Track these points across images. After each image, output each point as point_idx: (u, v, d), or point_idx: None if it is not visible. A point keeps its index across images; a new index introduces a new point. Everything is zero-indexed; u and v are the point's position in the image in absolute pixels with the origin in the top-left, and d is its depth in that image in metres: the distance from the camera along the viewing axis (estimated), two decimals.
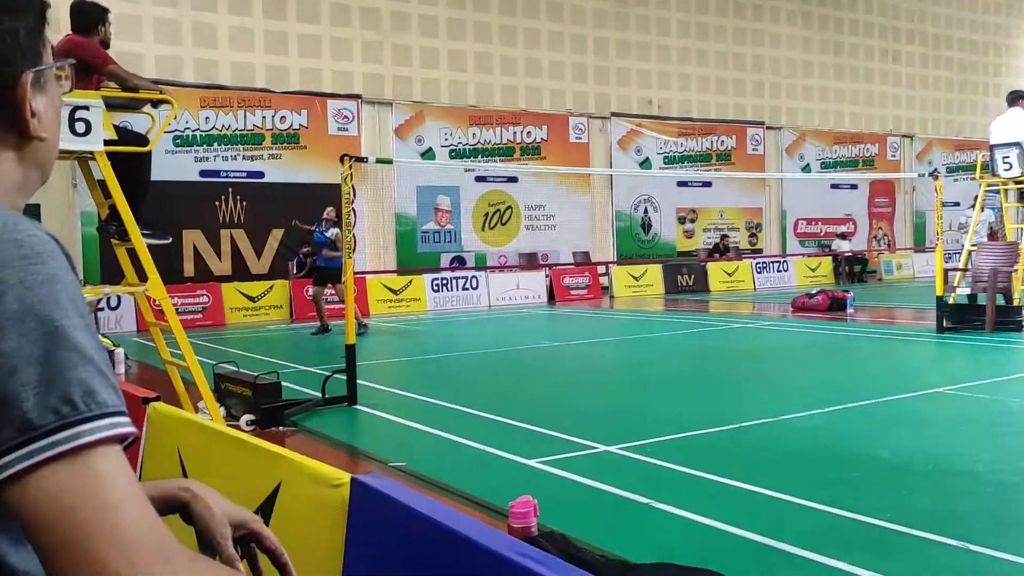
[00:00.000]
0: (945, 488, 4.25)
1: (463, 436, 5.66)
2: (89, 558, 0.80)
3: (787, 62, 24.39)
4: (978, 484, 4.28)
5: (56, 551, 0.81)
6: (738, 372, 8.54)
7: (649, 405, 6.80)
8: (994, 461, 4.68)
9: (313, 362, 9.38)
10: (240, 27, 17.04)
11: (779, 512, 3.94)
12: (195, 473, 2.65)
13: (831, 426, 5.68)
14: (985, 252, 11.25)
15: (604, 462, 4.95)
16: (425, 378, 8.83)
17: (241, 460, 2.37)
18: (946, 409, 6.24)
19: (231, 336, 13.40)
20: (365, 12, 18.34)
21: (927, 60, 27.42)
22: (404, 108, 18.91)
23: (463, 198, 19.67)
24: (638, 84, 21.99)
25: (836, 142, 25.31)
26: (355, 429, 6.32)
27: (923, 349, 9.88)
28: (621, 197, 21.72)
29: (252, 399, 6.24)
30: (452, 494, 4.36)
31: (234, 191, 17.06)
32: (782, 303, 16.50)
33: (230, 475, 2.39)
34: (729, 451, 5.14)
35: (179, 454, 2.74)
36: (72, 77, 1.18)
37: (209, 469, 2.56)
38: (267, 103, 17.35)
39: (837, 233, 24.26)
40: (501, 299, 18.37)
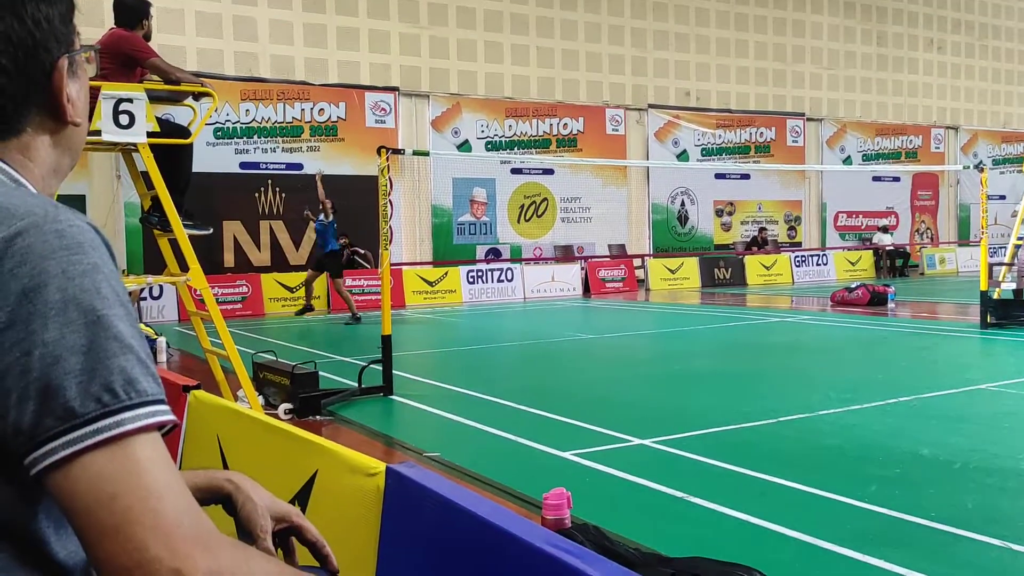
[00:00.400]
0: (988, 486, 4.17)
1: (498, 428, 5.67)
2: (130, 544, 0.81)
3: (828, 52, 24.02)
4: (1022, 482, 4.20)
5: (98, 537, 0.82)
6: (775, 367, 8.46)
7: (684, 399, 6.76)
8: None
9: (350, 352, 9.46)
10: (280, 20, 17.19)
11: (815, 508, 3.90)
12: (234, 459, 2.69)
13: (870, 422, 5.61)
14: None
15: (639, 455, 4.93)
16: (460, 369, 8.87)
17: (279, 448, 2.40)
18: (989, 406, 6.12)
19: (270, 326, 13.56)
20: (403, 4, 18.40)
21: (973, 50, 26.83)
22: (441, 100, 18.95)
23: (499, 190, 19.68)
24: (676, 75, 21.81)
25: (878, 134, 24.89)
26: (391, 419, 6.37)
27: (966, 345, 9.70)
28: (658, 189, 21.58)
29: (290, 388, 6.31)
30: (486, 485, 4.37)
31: (273, 183, 17.24)
32: (821, 297, 16.29)
33: (268, 462, 2.42)
34: (765, 446, 5.09)
35: (219, 441, 2.78)
36: (97, 61, 1.19)
37: (248, 456, 2.59)
38: (306, 96, 17.49)
39: (878, 226, 23.88)
40: (536, 291, 18.36)
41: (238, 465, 2.65)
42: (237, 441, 2.69)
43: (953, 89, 26.56)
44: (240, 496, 1.32)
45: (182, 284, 5.73)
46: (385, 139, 17.50)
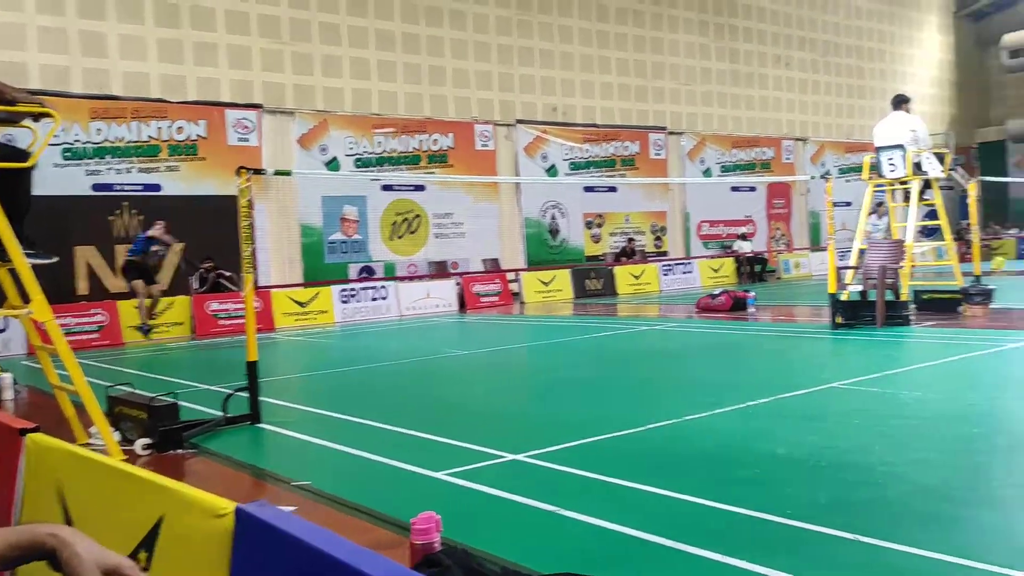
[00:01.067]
0: (840, 481, 4.39)
1: (370, 451, 5.57)
2: None
3: (686, 69, 25.03)
4: (871, 476, 4.44)
5: None
6: (644, 374, 8.68)
7: (557, 411, 6.84)
8: (886, 453, 4.86)
9: (215, 380, 9.11)
10: (131, 35, 16.48)
11: (681, 513, 4.00)
12: (76, 507, 2.52)
13: (732, 425, 5.82)
14: (874, 250, 11.75)
15: (511, 471, 4.95)
16: (332, 393, 8.68)
17: (123, 492, 2.26)
18: (841, 403, 6.47)
19: (130, 356, 12.91)
20: (264, 20, 17.99)
21: (818, 66, 28.55)
22: (307, 117, 18.61)
23: (370, 207, 19.48)
24: (542, 91, 22.20)
25: (734, 146, 26.09)
26: (259, 448, 6.16)
27: (819, 345, 10.24)
28: (529, 203, 21.87)
29: (148, 422, 6.00)
30: (357, 512, 4.28)
31: (130, 205, 16.47)
32: (687, 304, 16.87)
33: (112, 508, 2.28)
34: (634, 454, 5.21)
35: (59, 488, 2.60)
36: None
37: (90, 502, 2.43)
38: (163, 113, 16.81)
39: (738, 234, 25.02)
40: (411, 308, 18.24)
41: (81, 512, 2.48)
42: (79, 486, 2.52)
43: (801, 103, 28.15)
44: (65, 552, 1.24)
45: (24, 317, 5.37)
46: (249, 157, 17.02)
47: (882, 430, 5.47)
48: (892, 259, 11.32)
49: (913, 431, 5.45)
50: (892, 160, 11.87)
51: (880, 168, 12.10)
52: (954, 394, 6.59)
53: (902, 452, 4.89)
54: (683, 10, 24.92)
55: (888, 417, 5.83)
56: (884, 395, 6.59)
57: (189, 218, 16.68)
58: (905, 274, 11.44)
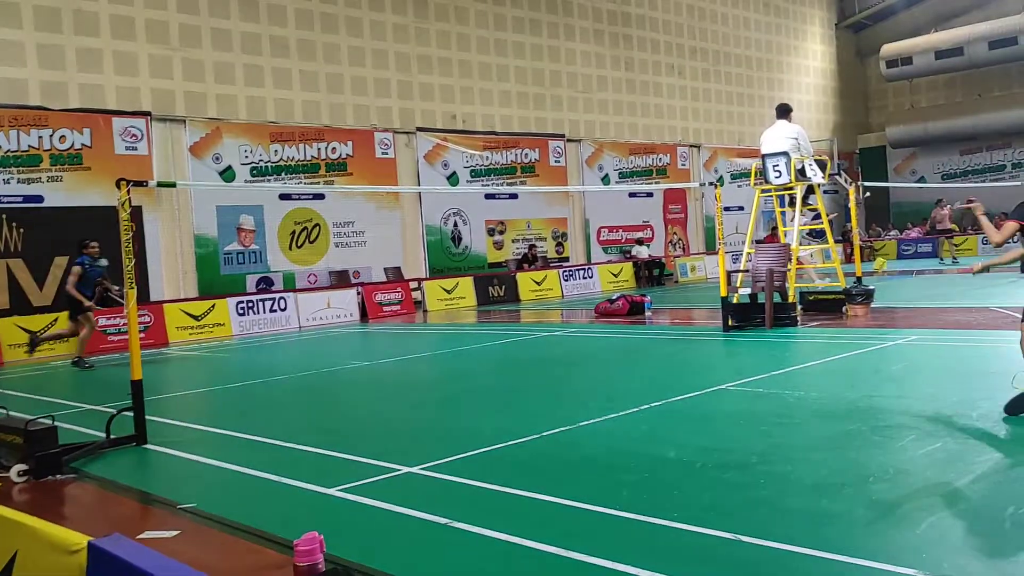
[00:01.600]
0: (723, 482, 4.53)
1: (262, 470, 5.45)
2: None
3: (583, 77, 25.43)
4: (752, 476, 4.60)
5: None
6: (543, 381, 8.77)
7: (455, 421, 6.84)
8: (767, 453, 5.04)
9: (101, 400, 8.76)
10: (8, 40, 15.70)
11: (572, 521, 4.06)
12: None
13: (625, 429, 5.94)
14: (762, 254, 12.19)
15: (405, 485, 4.92)
16: (224, 409, 8.46)
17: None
18: (729, 405, 6.68)
19: (9, 376, 12.29)
20: (151, 24, 17.42)
21: (709, 75, 29.45)
22: (199, 125, 18.10)
23: (268, 217, 19.08)
24: (442, 99, 22.19)
25: (631, 153, 26.64)
26: (145, 471, 5.94)
27: (712, 347, 10.54)
28: (430, 211, 21.82)
29: (24, 446, 5.72)
30: (245, 532, 4.18)
31: (9, 217, 15.68)
32: (587, 309, 17.13)
33: None
34: (528, 462, 5.25)
35: None
36: None
37: None
38: (43, 121, 16.07)
39: (636, 239, 25.55)
40: (311, 319, 17.94)
41: None
42: None
43: (694, 110, 28.98)
44: None
45: None
46: (139, 166, 16.45)
47: (765, 430, 5.68)
48: (779, 262, 11.76)
49: (795, 430, 5.67)
50: (777, 167, 12.33)
51: (767, 174, 12.55)
52: (835, 392, 6.88)
53: (783, 451, 5.08)
54: (579, 19, 25.33)
55: (771, 417, 6.05)
56: (769, 395, 6.84)
57: (74, 230, 15.97)
58: (792, 276, 11.91)
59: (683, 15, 28.54)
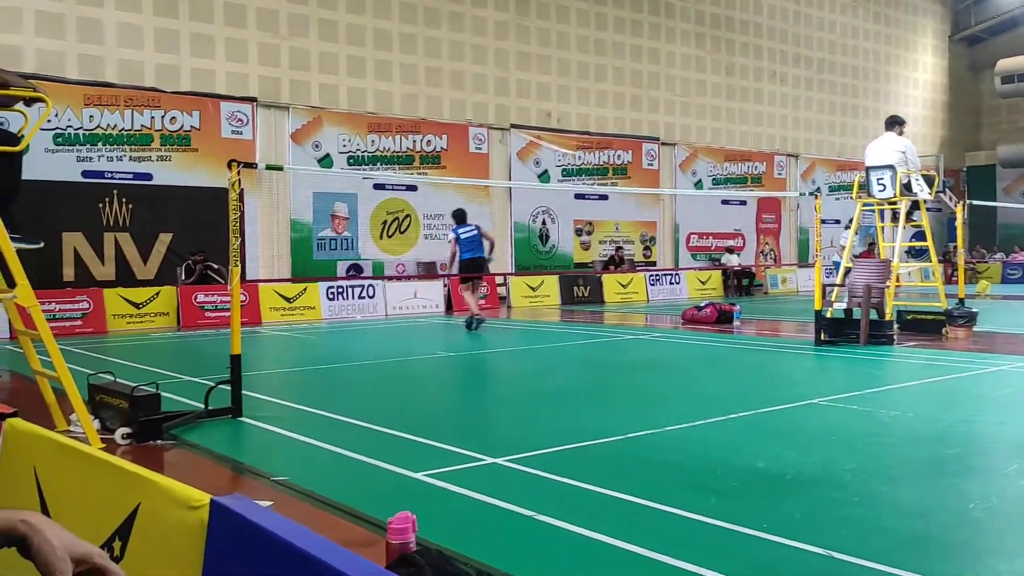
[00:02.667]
0: (815, 497, 4.42)
1: (350, 449, 5.58)
2: None
3: (681, 81, 25.13)
4: (846, 493, 4.48)
5: None
6: (627, 383, 8.71)
7: (539, 416, 6.85)
8: (861, 470, 4.90)
9: (199, 372, 9.08)
10: (128, 23, 16.43)
11: (658, 523, 4.02)
12: (52, 493, 2.52)
13: (712, 437, 5.85)
14: (860, 269, 11.83)
15: (491, 475, 4.96)
16: (315, 389, 8.67)
17: (99, 480, 2.26)
18: (821, 420, 6.51)
19: (113, 344, 12.85)
20: (262, 13, 17.97)
21: (811, 83, 28.73)
22: (301, 112, 18.60)
23: (361, 205, 19.47)
24: (538, 96, 22.25)
25: (727, 159, 26.20)
26: (239, 442, 6.15)
27: (802, 361, 10.29)
28: (520, 208, 21.90)
29: (128, 411, 5.98)
30: (334, 509, 4.28)
31: (119, 193, 16.41)
32: (673, 315, 16.93)
33: (88, 496, 2.28)
34: (613, 462, 5.23)
35: (35, 474, 2.60)
36: None
37: (67, 489, 2.44)
38: (156, 103, 16.77)
39: (726, 247, 25.12)
40: (398, 308, 18.23)
41: (56, 499, 2.49)
42: (56, 473, 2.53)
43: (794, 119, 28.31)
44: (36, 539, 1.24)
45: (8, 302, 5.35)
46: (242, 150, 17.00)
47: (859, 447, 5.52)
48: (878, 278, 11.40)
49: (889, 450, 5.49)
50: (882, 180, 11.96)
51: (870, 187, 12.18)
52: (932, 415, 6.64)
53: (877, 470, 4.93)
54: (680, 22, 25.03)
55: (865, 435, 5.88)
56: (863, 413, 6.64)
57: (179, 208, 16.66)
58: (890, 293, 11.53)
59: (788, 21, 27.91)
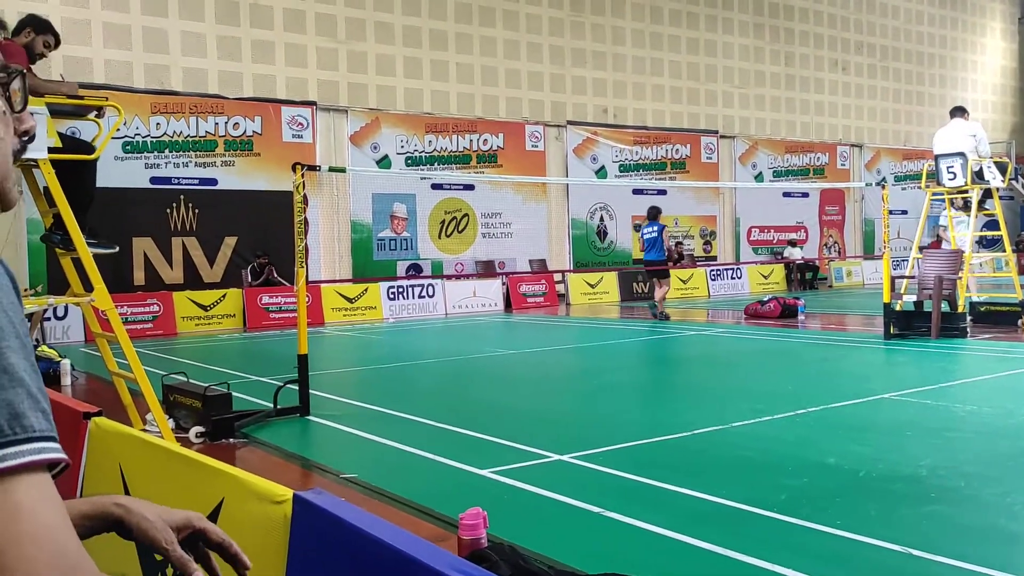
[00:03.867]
0: (890, 493, 4.32)
1: (416, 447, 5.63)
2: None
3: (740, 72, 24.76)
4: (923, 489, 4.37)
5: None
6: (690, 379, 8.63)
7: (603, 413, 6.83)
8: (938, 466, 4.78)
9: (266, 372, 9.27)
10: (192, 32, 16.82)
11: (728, 519, 3.98)
12: (137, 489, 2.60)
13: (780, 433, 5.76)
14: (930, 260, 11.52)
15: (557, 471, 4.96)
16: (379, 388, 8.78)
17: (183, 476, 2.33)
18: (893, 415, 6.36)
19: (182, 346, 13.19)
20: (320, 18, 18.23)
21: (875, 71, 28.04)
22: (359, 115, 18.82)
23: (419, 205, 19.62)
24: (594, 92, 22.14)
25: (787, 151, 25.73)
26: (307, 440, 6.26)
27: (871, 355, 10.06)
28: (577, 205, 21.83)
29: (202, 410, 6.14)
30: (404, 505, 4.33)
31: (186, 198, 16.81)
32: (735, 310, 16.70)
33: (172, 491, 2.35)
34: (680, 459, 5.19)
35: (121, 470, 2.68)
36: (23, 89, 1.12)
37: (151, 485, 2.51)
38: (220, 109, 17.14)
39: (788, 240, 24.68)
40: (458, 307, 18.34)
41: (142, 495, 2.56)
42: (140, 470, 2.60)
43: (857, 108, 27.67)
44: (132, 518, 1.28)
45: (86, 305, 5.53)
46: (302, 154, 17.26)
47: (935, 443, 5.38)
48: (949, 269, 11.09)
49: (967, 445, 5.34)
50: (952, 168, 11.62)
51: (939, 176, 11.85)
52: (1010, 409, 6.43)
53: (955, 465, 4.80)
54: (738, 12, 24.66)
55: (941, 430, 5.72)
56: (937, 408, 6.47)
57: (243, 212, 17.01)
58: (962, 284, 11.20)
59: (849, 8, 27.27)
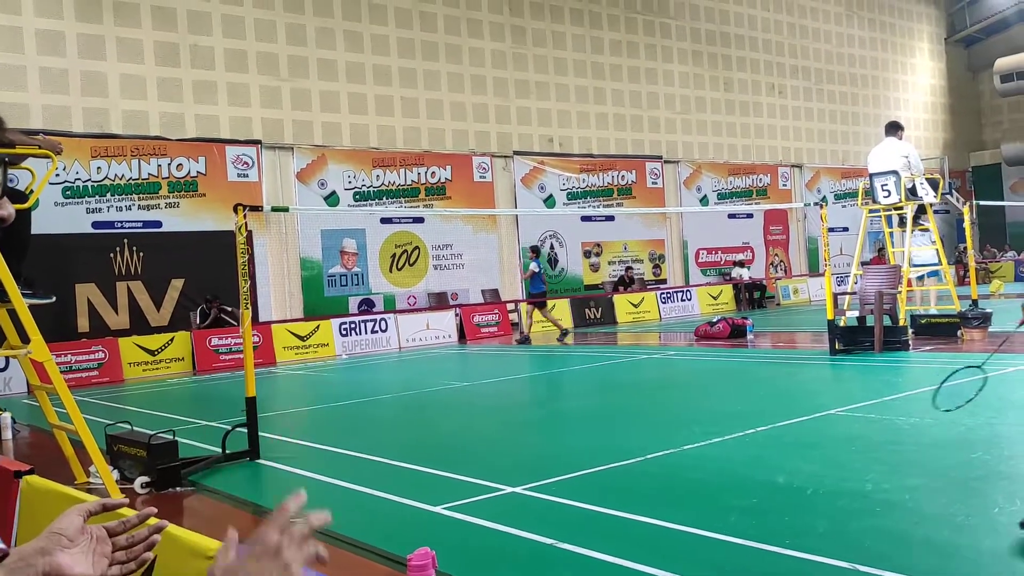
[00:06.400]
0: (838, 509, 4.39)
1: (368, 486, 5.57)
2: None
3: (681, 98, 25.24)
4: (868, 503, 4.44)
5: None
6: (644, 403, 8.68)
7: (556, 442, 6.83)
8: (883, 480, 4.86)
9: (214, 416, 9.11)
10: (131, 75, 16.65)
11: (680, 545, 4.00)
12: None
13: (731, 453, 5.82)
14: (870, 275, 11.79)
15: (510, 504, 4.94)
16: (331, 427, 8.68)
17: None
18: (839, 430, 6.47)
19: (129, 393, 12.91)
20: (262, 57, 18.19)
21: (811, 93, 28.80)
22: (305, 152, 18.75)
23: (369, 240, 19.56)
24: (539, 122, 22.37)
25: (731, 173, 26.23)
26: (258, 485, 6.15)
27: (818, 371, 10.24)
28: (527, 233, 21.95)
29: (147, 460, 6.00)
30: (355, 547, 4.28)
31: (130, 242, 16.55)
32: (686, 332, 16.88)
33: None
34: (633, 485, 5.20)
35: None
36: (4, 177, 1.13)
37: None
38: (162, 151, 16.95)
39: (735, 261, 25.08)
40: (411, 340, 18.26)
41: None
42: None
43: (795, 130, 28.35)
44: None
45: (23, 357, 5.39)
46: (249, 193, 17.13)
47: (879, 457, 5.48)
48: (889, 284, 11.36)
49: (910, 458, 5.45)
50: (886, 186, 11.95)
51: (875, 194, 12.17)
52: (952, 419, 6.58)
53: (900, 479, 4.89)
54: (676, 41, 25.19)
55: (885, 444, 5.83)
56: (882, 421, 6.60)
57: (190, 253, 16.78)
58: (902, 299, 11.48)
59: (783, 34, 28.04)
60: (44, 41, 15.74)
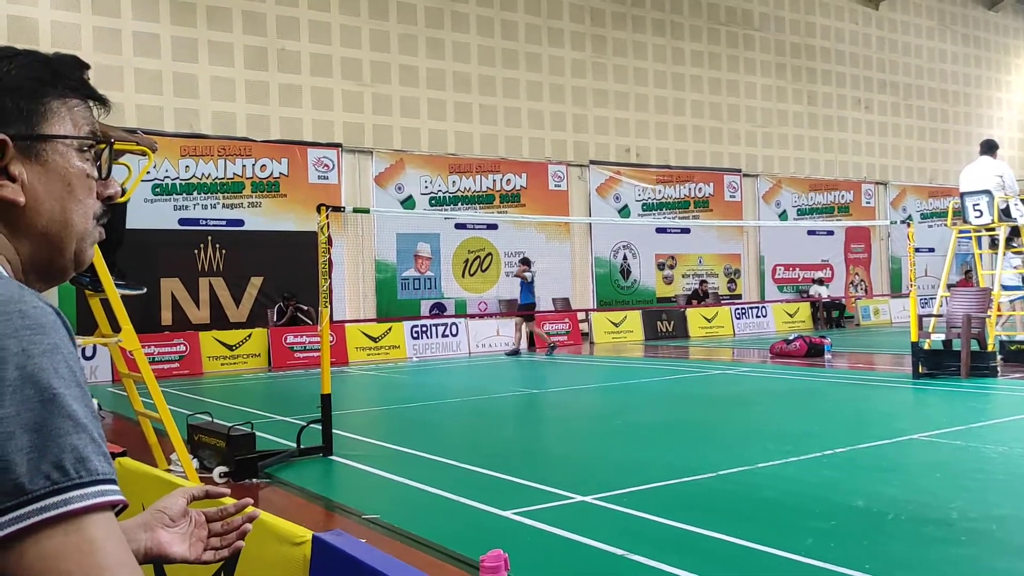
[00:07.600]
0: (919, 536, 4.24)
1: (438, 487, 5.61)
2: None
3: (762, 111, 24.83)
4: (952, 532, 4.28)
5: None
6: (716, 419, 8.54)
7: (627, 453, 6.77)
8: (968, 509, 4.68)
9: (290, 412, 9.30)
10: (221, 77, 17.18)
11: (753, 563, 3.92)
12: None
13: (807, 474, 5.68)
14: (958, 298, 11.39)
15: (579, 513, 4.92)
16: (402, 427, 8.77)
17: None
18: (921, 456, 6.26)
19: (208, 385, 13.27)
20: (346, 62, 18.56)
21: (899, 109, 28.00)
22: (384, 156, 19.05)
23: (443, 245, 19.74)
24: (616, 132, 22.28)
25: (812, 189, 25.67)
26: (330, 480, 6.25)
27: (899, 395, 9.92)
28: (600, 244, 21.87)
29: (226, 450, 6.16)
30: (425, 547, 4.31)
31: (213, 239, 17.04)
32: (761, 349, 16.56)
33: None
34: (705, 500, 5.12)
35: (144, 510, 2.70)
36: (109, 158, 1.17)
37: None
38: (247, 152, 17.42)
39: (814, 279, 24.50)
40: (481, 346, 18.34)
41: None
42: None
43: (881, 146, 27.60)
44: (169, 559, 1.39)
45: (113, 345, 5.59)
46: (328, 195, 17.47)
47: (965, 484, 5.28)
48: (977, 307, 10.95)
49: (998, 486, 5.23)
50: (978, 206, 11.53)
51: (966, 214, 11.76)
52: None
53: (985, 508, 4.70)
54: (760, 53, 24.80)
55: (971, 471, 5.62)
56: (967, 448, 6.36)
57: (269, 252, 17.20)
58: (991, 323, 11.05)
59: (872, 47, 27.35)
60: (140, 43, 16.37)
